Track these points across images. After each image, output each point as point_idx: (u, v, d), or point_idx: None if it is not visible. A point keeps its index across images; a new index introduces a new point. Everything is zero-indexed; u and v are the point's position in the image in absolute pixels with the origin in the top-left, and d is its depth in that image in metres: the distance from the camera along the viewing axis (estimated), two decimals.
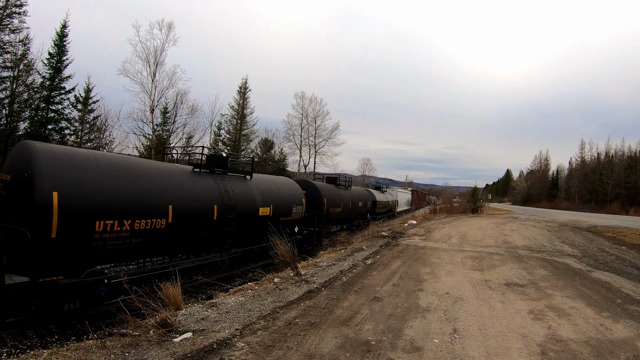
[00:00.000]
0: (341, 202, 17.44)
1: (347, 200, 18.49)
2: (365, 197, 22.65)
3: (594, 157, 62.67)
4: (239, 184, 9.82)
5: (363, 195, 22.53)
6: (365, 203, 22.14)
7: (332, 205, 16.19)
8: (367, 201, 22.84)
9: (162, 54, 26.79)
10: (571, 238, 13.33)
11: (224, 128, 36.08)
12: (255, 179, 10.95)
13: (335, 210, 16.71)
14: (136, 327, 4.19)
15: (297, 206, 12.52)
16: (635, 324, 4.69)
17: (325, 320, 4.58)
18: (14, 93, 19.01)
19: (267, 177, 12.48)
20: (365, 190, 24.73)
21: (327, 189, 16.55)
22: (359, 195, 21.48)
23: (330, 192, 16.43)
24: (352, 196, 19.46)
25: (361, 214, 22.13)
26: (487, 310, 5.11)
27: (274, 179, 12.71)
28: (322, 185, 16.53)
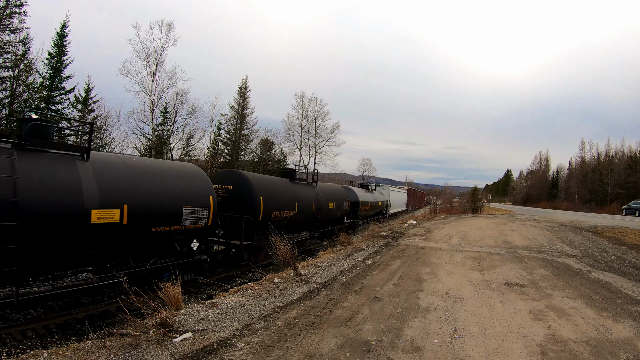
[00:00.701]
0: (295, 202, 12.78)
1: (307, 200, 13.83)
2: (339, 196, 17.54)
3: (594, 157, 62.71)
4: None
5: (336, 193, 17.33)
6: (339, 204, 17.15)
7: (278, 206, 11.64)
8: (343, 202, 17.80)
9: (162, 54, 26.87)
10: (571, 238, 13.32)
11: (224, 128, 36.16)
12: None
13: (285, 214, 12.04)
14: (136, 327, 4.19)
15: (196, 209, 7.90)
16: (635, 324, 4.69)
17: (325, 320, 4.58)
18: (14, 93, 19.02)
19: (143, 163, 7.71)
20: (341, 188, 19.44)
21: (268, 184, 11.95)
22: (330, 193, 16.42)
23: (273, 189, 11.83)
24: (317, 195, 14.74)
25: (333, 218, 16.93)
26: (487, 310, 5.11)
27: (155, 164, 8.02)
28: (259, 178, 11.87)
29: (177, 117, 28.57)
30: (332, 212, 16.36)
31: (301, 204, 13.18)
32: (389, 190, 31.32)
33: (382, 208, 27.94)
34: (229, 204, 10.53)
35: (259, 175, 12.71)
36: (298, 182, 14.07)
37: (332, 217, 16.75)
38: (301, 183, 14.34)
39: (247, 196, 10.49)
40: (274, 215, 11.43)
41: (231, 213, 10.23)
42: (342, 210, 17.89)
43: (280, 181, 13.11)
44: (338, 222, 18.18)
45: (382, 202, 27.68)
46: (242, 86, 37.06)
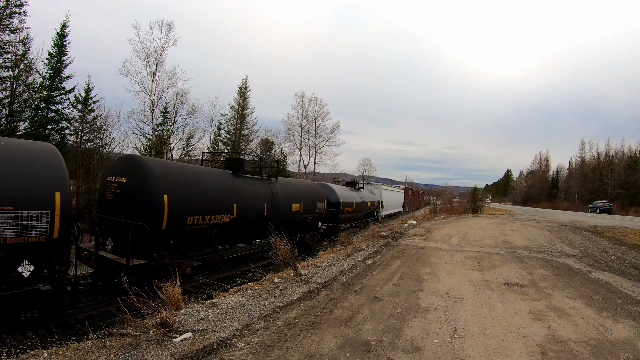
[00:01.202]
0: (234, 203, 9.29)
1: (256, 201, 10.36)
2: (310, 195, 13.74)
3: (594, 157, 62.69)
4: None
5: (306, 192, 13.53)
6: (309, 205, 13.36)
7: (200, 209, 8.22)
8: (316, 203, 13.99)
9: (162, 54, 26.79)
10: (571, 238, 13.32)
11: (224, 128, 36.13)
12: None
13: (214, 219, 8.63)
14: (136, 327, 4.19)
15: (22, 213, 5.14)
16: (635, 324, 4.69)
17: (325, 320, 4.58)
18: (14, 93, 19.01)
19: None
20: (315, 186, 15.64)
21: (184, 176, 8.21)
22: (296, 192, 12.79)
23: (192, 183, 8.24)
24: (273, 193, 11.19)
25: (300, 223, 13.09)
26: (487, 311, 5.11)
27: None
28: (167, 167, 8.19)
29: (177, 117, 28.53)
30: (298, 215, 12.67)
31: (244, 205, 9.66)
32: (381, 189, 27.66)
33: (372, 209, 24.15)
34: (121, 204, 7.29)
35: (168, 163, 9.27)
36: (244, 176, 10.56)
37: (299, 222, 12.78)
38: (250, 177, 10.80)
39: (142, 193, 7.21)
40: (192, 222, 8.03)
41: (122, 218, 6.99)
42: (315, 214, 14.02)
43: (212, 174, 9.54)
44: (309, 229, 14.10)
45: (372, 202, 23.73)
46: (242, 86, 37.06)
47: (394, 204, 33.31)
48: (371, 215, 24.77)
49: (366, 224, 22.43)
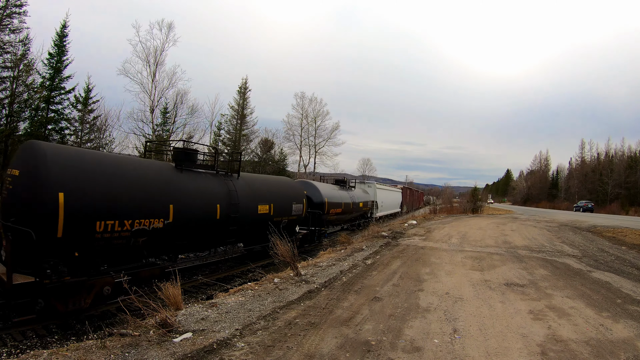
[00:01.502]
0: (170, 204, 7.29)
1: (206, 201, 8.33)
2: (284, 194, 11.79)
3: (594, 157, 62.73)
4: None
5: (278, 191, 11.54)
6: (283, 206, 11.41)
7: (117, 212, 6.30)
8: (293, 203, 11.98)
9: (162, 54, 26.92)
10: (571, 238, 13.32)
11: (224, 128, 36.20)
12: None
13: (138, 225, 6.67)
14: (136, 327, 4.19)
15: None
16: (635, 324, 4.69)
17: (325, 320, 4.58)
18: (14, 93, 19.02)
19: None
20: (293, 183, 13.54)
21: (95, 167, 6.33)
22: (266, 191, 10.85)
23: (109, 178, 6.43)
24: (230, 192, 9.08)
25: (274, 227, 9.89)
26: (487, 311, 5.11)
27: None
28: (71, 155, 6.20)
29: (177, 117, 28.62)
30: (267, 218, 10.53)
31: (186, 206, 7.61)
32: (375, 189, 25.39)
33: (365, 211, 21.92)
34: (11, 204, 5.81)
35: (80, 152, 6.77)
36: (193, 171, 8.45)
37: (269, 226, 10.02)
38: (200, 172, 8.67)
39: (29, 190, 5.60)
40: (105, 228, 6.12)
41: (10, 221, 5.51)
42: (291, 217, 11.90)
43: (144, 167, 7.31)
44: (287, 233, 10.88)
45: (364, 202, 21.39)
46: (242, 86, 37.11)
47: (391, 204, 30.99)
48: (364, 216, 22.49)
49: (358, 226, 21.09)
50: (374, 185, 25.87)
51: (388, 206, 29.31)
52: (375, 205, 24.51)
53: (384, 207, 27.39)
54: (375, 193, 25.00)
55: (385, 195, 28.48)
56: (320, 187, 15.98)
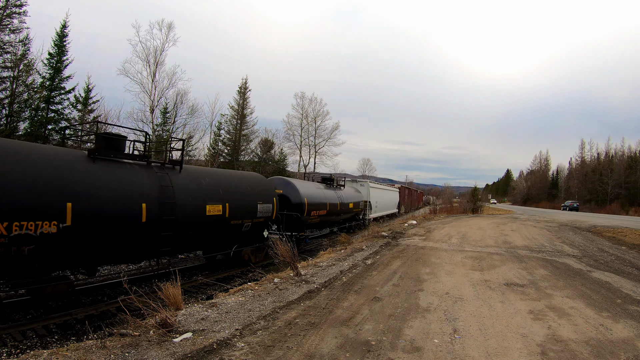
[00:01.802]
0: (65, 204, 5.62)
1: (117, 199, 6.51)
2: (246, 191, 9.99)
3: (594, 157, 62.80)
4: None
5: (237, 186, 9.77)
6: (243, 207, 9.67)
7: None
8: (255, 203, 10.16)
9: (162, 54, 26.86)
10: (571, 238, 13.32)
11: (224, 128, 36.15)
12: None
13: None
14: (136, 327, 4.19)
15: None
16: (635, 324, 4.69)
17: (325, 320, 4.58)
18: (14, 93, 19.02)
19: None
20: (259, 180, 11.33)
21: None
22: (217, 186, 8.98)
23: None
24: (161, 187, 7.40)
25: (232, 232, 9.52)
26: (487, 311, 5.11)
27: None
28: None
29: (177, 117, 28.59)
30: (221, 221, 8.69)
31: (94, 205, 6.08)
32: (368, 188, 23.28)
33: (355, 212, 19.99)
34: None
35: None
36: (114, 160, 6.91)
37: (224, 231, 8.98)
38: (125, 163, 7.13)
39: None
40: None
41: None
42: (257, 219, 10.05)
43: (40, 154, 5.80)
44: (248, 240, 10.24)
45: (355, 203, 19.50)
46: (242, 86, 37.07)
47: (386, 204, 28.76)
48: (354, 218, 20.51)
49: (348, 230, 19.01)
50: (367, 184, 23.71)
51: (383, 207, 27.35)
52: (369, 205, 22.64)
53: (378, 207, 25.43)
54: (369, 192, 22.94)
55: (380, 195, 26.43)
56: (300, 185, 14.03)
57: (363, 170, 63.10)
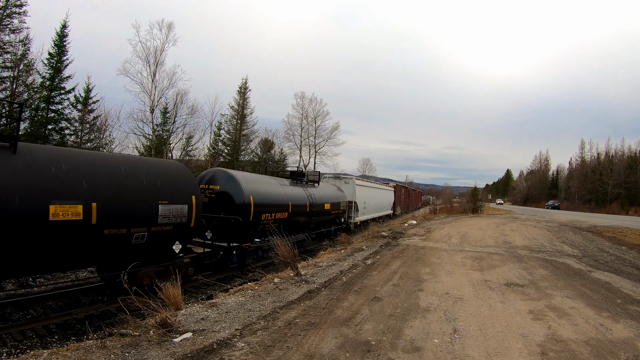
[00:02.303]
0: None
1: None
2: (149, 185, 7.03)
3: (594, 157, 62.81)
4: None
5: (127, 178, 6.74)
6: (137, 210, 6.67)
7: None
8: (157, 202, 7.02)
9: (162, 54, 26.86)
10: (571, 238, 13.32)
11: (224, 128, 36.15)
12: None
13: None
14: (136, 327, 4.19)
15: None
16: (635, 324, 4.69)
17: (325, 320, 4.58)
18: (14, 93, 19.02)
19: None
20: (181, 170, 8.23)
21: None
22: (94, 177, 6.18)
23: None
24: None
25: (109, 246, 6.33)
26: (487, 310, 5.11)
27: None
28: None
29: (177, 117, 28.58)
30: (82, 231, 5.86)
31: None
32: (354, 186, 19.65)
33: (334, 214, 16.68)
34: None
35: None
36: None
37: (94, 247, 6.17)
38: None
39: None
40: None
41: None
42: (158, 227, 7.06)
43: None
44: (151, 257, 7.36)
45: (334, 203, 16.13)
46: (242, 86, 37.08)
47: (377, 205, 25.10)
48: (335, 222, 17.17)
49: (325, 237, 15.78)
50: (352, 181, 19.85)
51: (374, 208, 23.99)
52: (355, 207, 19.41)
53: (368, 209, 22.05)
54: (354, 191, 19.38)
55: (369, 194, 22.77)
56: (246, 179, 10.52)
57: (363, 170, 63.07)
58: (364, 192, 21.73)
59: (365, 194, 21.82)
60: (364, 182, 24.23)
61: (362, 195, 21.14)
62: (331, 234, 16.47)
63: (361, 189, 21.01)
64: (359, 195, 20.19)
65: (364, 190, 21.66)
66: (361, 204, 20.69)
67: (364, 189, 21.97)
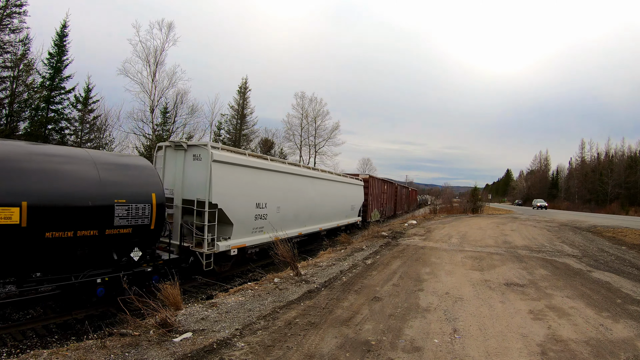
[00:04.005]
0: None
1: None
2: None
3: (594, 157, 62.82)
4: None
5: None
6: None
7: None
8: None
9: (162, 53, 26.84)
10: (571, 238, 13.32)
11: (224, 128, 36.17)
12: None
13: None
14: (136, 327, 4.19)
15: None
16: (635, 324, 4.69)
17: (325, 320, 4.58)
18: (14, 93, 19.02)
19: None
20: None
21: None
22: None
23: None
24: None
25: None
26: (487, 310, 5.11)
27: None
28: None
29: (177, 117, 28.58)
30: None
31: None
32: (210, 162, 8.09)
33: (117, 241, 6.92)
34: None
35: None
36: None
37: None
38: None
39: None
40: None
41: None
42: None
43: None
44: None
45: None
46: (242, 86, 37.09)
47: (326, 210, 14.51)
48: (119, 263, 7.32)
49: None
50: (207, 153, 8.20)
51: (310, 215, 13.02)
52: (220, 217, 8.32)
53: (287, 218, 11.16)
54: (210, 178, 8.09)
55: (291, 186, 11.49)
56: None
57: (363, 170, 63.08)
58: (263, 181, 9.98)
59: (269, 186, 10.25)
60: (281, 162, 11.81)
61: (257, 187, 9.72)
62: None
63: (243, 174, 9.20)
64: (230, 187, 8.68)
65: (258, 177, 9.78)
66: (248, 209, 9.43)
67: (262, 175, 9.94)
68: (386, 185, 27.27)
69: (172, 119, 28.45)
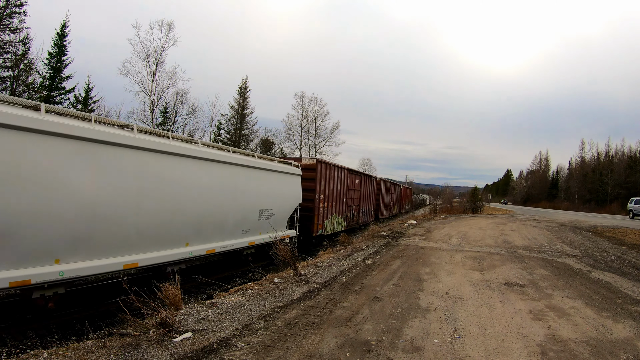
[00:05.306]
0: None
1: None
2: None
3: (594, 157, 62.83)
4: None
5: None
6: None
7: None
8: None
9: (162, 53, 26.87)
10: (571, 238, 13.32)
11: (224, 128, 36.20)
12: None
13: None
14: (136, 327, 4.19)
15: None
16: (635, 324, 4.69)
17: (325, 320, 4.58)
18: (14, 93, 19.02)
19: None
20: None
21: None
22: None
23: None
24: None
25: None
26: (487, 310, 5.11)
27: None
28: None
29: (177, 117, 28.64)
30: None
31: None
32: None
33: None
34: None
35: None
36: None
37: None
38: None
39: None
40: None
41: None
42: None
43: None
44: None
45: None
46: (242, 86, 37.11)
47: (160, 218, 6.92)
48: None
49: None
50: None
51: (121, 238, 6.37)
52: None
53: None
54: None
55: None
56: None
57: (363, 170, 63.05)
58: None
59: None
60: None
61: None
62: None
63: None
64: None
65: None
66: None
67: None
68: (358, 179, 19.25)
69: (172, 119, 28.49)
